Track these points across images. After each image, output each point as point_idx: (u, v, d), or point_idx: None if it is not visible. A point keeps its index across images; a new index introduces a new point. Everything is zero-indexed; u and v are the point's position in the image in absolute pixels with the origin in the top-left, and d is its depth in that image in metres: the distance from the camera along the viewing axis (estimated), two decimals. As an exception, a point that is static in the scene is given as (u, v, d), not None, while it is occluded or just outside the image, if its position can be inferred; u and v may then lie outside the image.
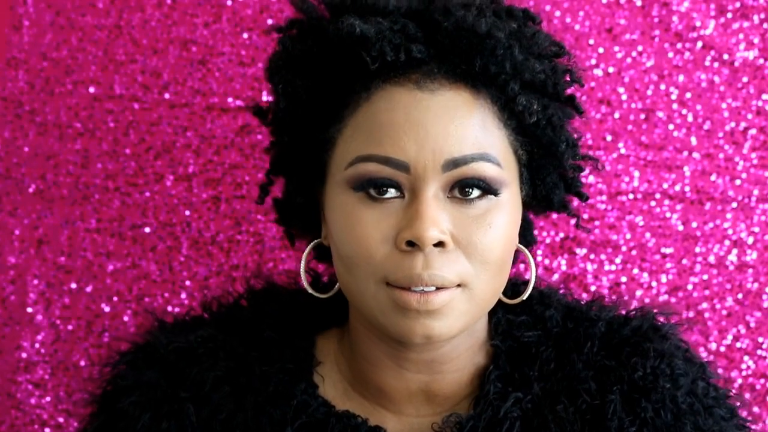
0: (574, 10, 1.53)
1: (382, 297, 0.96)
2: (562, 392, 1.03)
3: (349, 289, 1.01)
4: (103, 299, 1.55)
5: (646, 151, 1.54)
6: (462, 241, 0.95)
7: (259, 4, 1.54)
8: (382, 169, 0.95)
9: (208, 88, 1.53)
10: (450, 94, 0.96)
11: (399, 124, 0.94)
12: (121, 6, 1.53)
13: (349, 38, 0.95)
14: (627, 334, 1.08)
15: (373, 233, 0.95)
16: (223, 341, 1.10)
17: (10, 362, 1.55)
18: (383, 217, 0.95)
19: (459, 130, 0.95)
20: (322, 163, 1.02)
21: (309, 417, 1.04)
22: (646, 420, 1.01)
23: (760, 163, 1.54)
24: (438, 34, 0.97)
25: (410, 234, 0.93)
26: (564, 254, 1.55)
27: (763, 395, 1.55)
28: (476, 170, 0.95)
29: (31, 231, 1.55)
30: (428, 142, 0.94)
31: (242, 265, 1.54)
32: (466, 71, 0.97)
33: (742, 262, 1.55)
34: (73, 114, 1.54)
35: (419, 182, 0.95)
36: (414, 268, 0.94)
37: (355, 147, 0.97)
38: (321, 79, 1.00)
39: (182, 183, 1.54)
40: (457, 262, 0.96)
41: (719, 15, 1.53)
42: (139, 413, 1.06)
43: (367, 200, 0.96)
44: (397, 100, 0.95)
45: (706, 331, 1.54)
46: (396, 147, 0.94)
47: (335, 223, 0.99)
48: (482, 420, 1.02)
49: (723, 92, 1.54)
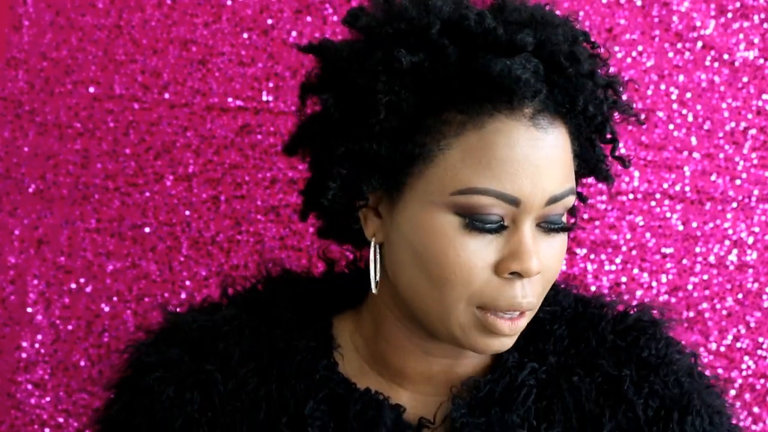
0: (574, 10, 1.53)
1: (468, 317, 1.01)
2: (577, 365, 1.10)
3: (422, 299, 1.03)
4: (103, 299, 1.55)
5: (646, 151, 1.54)
6: (543, 268, 1.02)
7: (259, 4, 1.54)
8: (496, 204, 0.98)
9: (208, 88, 1.54)
10: (556, 132, 1.00)
11: (518, 162, 0.98)
12: (121, 6, 1.53)
13: (499, 79, 0.97)
14: (631, 323, 1.14)
15: (475, 261, 0.99)
16: (247, 320, 1.14)
17: (10, 362, 1.55)
18: (485, 244, 0.99)
19: (561, 168, 1.01)
20: (401, 172, 1.02)
21: (331, 391, 1.08)
22: (656, 391, 1.08)
23: (760, 163, 1.54)
24: (556, 74, 1.01)
25: (518, 266, 0.98)
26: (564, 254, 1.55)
27: (763, 395, 1.55)
28: (565, 204, 1.02)
29: (31, 231, 1.55)
30: (541, 182, 0.98)
31: (242, 265, 1.54)
32: (568, 109, 1.02)
33: (742, 262, 1.55)
34: (73, 114, 1.54)
35: (523, 215, 0.99)
36: (516, 297, 1.00)
37: (466, 175, 0.98)
38: (429, 96, 1.01)
39: (182, 183, 1.54)
40: (539, 286, 1.03)
41: (719, 15, 1.53)
42: (163, 388, 1.09)
43: (470, 227, 0.99)
44: (515, 137, 0.98)
45: (706, 331, 1.54)
46: (514, 185, 0.98)
47: (425, 239, 1.00)
48: (500, 385, 1.08)
49: (723, 92, 1.54)
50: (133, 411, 1.11)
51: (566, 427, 1.07)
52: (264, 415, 1.07)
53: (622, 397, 1.07)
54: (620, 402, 1.07)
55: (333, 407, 1.08)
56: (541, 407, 1.07)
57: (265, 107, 1.54)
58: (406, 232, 1.02)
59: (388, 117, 1.00)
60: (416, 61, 0.99)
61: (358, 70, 1.02)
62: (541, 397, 1.08)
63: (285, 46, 1.53)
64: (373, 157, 1.02)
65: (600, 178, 1.13)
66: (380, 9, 1.05)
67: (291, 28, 1.54)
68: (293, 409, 1.07)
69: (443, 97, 1.00)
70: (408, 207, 1.02)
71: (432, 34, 0.99)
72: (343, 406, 1.08)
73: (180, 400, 1.08)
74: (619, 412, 1.07)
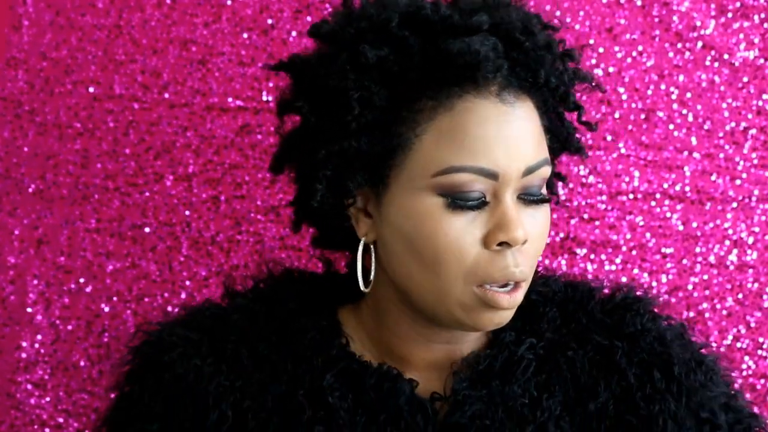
0: (574, 10, 1.53)
1: (468, 296, 1.04)
2: (571, 341, 1.14)
3: (420, 286, 1.06)
4: (102, 299, 1.55)
5: (646, 151, 1.54)
6: (529, 238, 1.05)
7: (259, 4, 1.54)
8: (476, 179, 1.02)
9: (208, 88, 1.53)
10: (523, 106, 1.05)
11: (491, 136, 1.02)
12: (121, 6, 1.53)
13: (460, 57, 1.02)
14: (618, 302, 1.18)
15: (464, 237, 1.02)
16: (257, 310, 1.17)
17: (9, 362, 1.55)
18: (470, 220, 1.03)
19: (533, 140, 1.05)
20: (384, 166, 1.06)
21: (347, 365, 1.12)
22: (644, 359, 1.13)
23: (760, 163, 1.54)
24: (515, 51, 1.05)
25: (505, 236, 1.02)
26: (564, 254, 1.55)
27: (763, 395, 1.55)
28: (541, 174, 1.05)
29: (30, 231, 1.55)
30: (514, 154, 1.03)
31: (242, 265, 1.54)
32: (531, 83, 1.06)
33: (742, 262, 1.55)
34: (73, 114, 1.54)
35: (503, 187, 1.03)
36: (508, 266, 1.03)
37: (443, 156, 1.03)
38: (399, 87, 1.05)
39: (182, 183, 1.54)
40: (529, 255, 1.06)
41: (719, 15, 1.53)
42: (188, 362, 1.11)
43: (453, 206, 1.03)
44: (485, 113, 1.03)
45: (706, 331, 1.54)
46: (489, 159, 1.02)
47: (413, 226, 1.04)
48: (498, 360, 1.12)
49: (723, 92, 1.54)
50: (156, 387, 1.11)
51: (565, 398, 1.11)
52: (285, 387, 1.10)
53: (615, 367, 1.12)
54: (613, 372, 1.11)
55: (349, 381, 1.11)
56: (541, 380, 1.11)
57: (265, 107, 1.54)
58: (396, 223, 1.06)
59: (362, 113, 1.04)
60: (381, 55, 1.04)
61: (327, 73, 1.07)
62: (539, 371, 1.12)
63: (285, 46, 1.53)
64: (355, 154, 1.06)
65: (573, 151, 1.17)
66: (342, 16, 1.11)
67: (291, 28, 1.54)
68: (309, 383, 1.10)
69: (412, 87, 1.04)
70: (394, 198, 1.06)
71: (392, 27, 1.05)
72: (359, 380, 1.11)
73: (210, 369, 1.10)
74: (612, 382, 1.11)
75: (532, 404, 1.10)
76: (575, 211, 1.54)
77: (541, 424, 1.09)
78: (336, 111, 1.06)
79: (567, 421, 1.10)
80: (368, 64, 1.04)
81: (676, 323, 1.19)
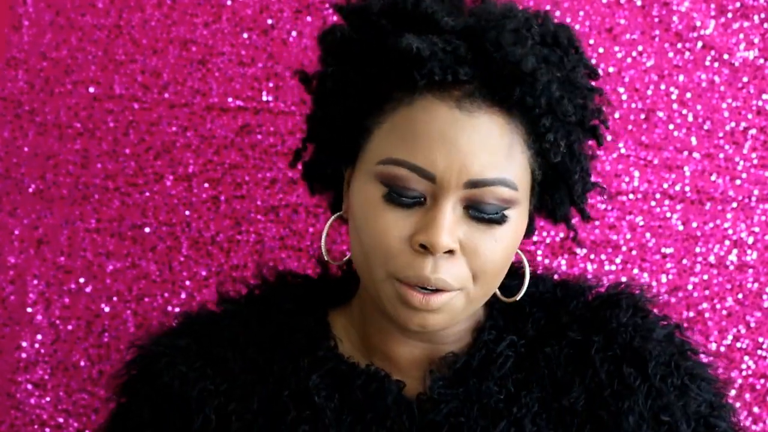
0: (574, 10, 1.53)
1: (389, 288, 1.05)
2: (550, 337, 1.14)
3: (361, 269, 1.09)
4: (103, 299, 1.55)
5: (646, 151, 1.54)
6: (468, 250, 1.03)
7: (259, 4, 1.54)
8: (411, 176, 1.02)
9: (208, 88, 1.53)
10: (485, 118, 1.03)
11: (433, 138, 1.02)
12: (121, 6, 1.53)
13: (405, 54, 1.02)
14: (605, 298, 1.18)
15: (392, 230, 1.03)
16: (248, 314, 1.18)
17: (10, 362, 1.55)
18: (403, 216, 1.03)
19: (486, 155, 1.02)
20: (356, 146, 1.09)
21: (334, 366, 1.13)
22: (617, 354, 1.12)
23: (760, 163, 1.54)
24: (484, 60, 1.03)
25: (425, 238, 1.01)
26: (564, 254, 1.55)
27: (763, 395, 1.55)
28: (494, 193, 1.03)
29: (30, 231, 1.55)
30: (456, 161, 1.01)
31: (242, 265, 1.54)
32: (503, 98, 1.04)
33: (742, 262, 1.55)
34: (73, 114, 1.54)
35: (441, 192, 1.02)
36: (423, 270, 1.02)
37: (389, 146, 1.04)
38: (370, 71, 1.07)
39: (182, 183, 1.54)
40: (461, 268, 1.04)
41: (719, 15, 1.53)
42: (175, 370, 1.12)
43: (389, 198, 1.03)
44: (435, 114, 1.02)
45: (706, 331, 1.54)
46: (427, 159, 1.01)
47: (359, 208, 1.06)
48: (476, 358, 1.12)
49: (723, 92, 1.54)
50: (144, 396, 1.14)
51: (543, 394, 1.11)
52: (271, 388, 1.11)
53: (589, 362, 1.11)
54: (587, 367, 1.11)
55: (336, 382, 1.12)
56: (520, 377, 1.11)
57: (265, 107, 1.54)
58: (353, 205, 1.08)
59: (335, 87, 1.09)
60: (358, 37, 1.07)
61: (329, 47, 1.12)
62: (519, 368, 1.12)
63: (285, 46, 1.53)
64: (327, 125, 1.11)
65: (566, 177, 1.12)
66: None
67: (291, 28, 1.54)
68: (296, 384, 1.11)
69: (382, 75, 1.06)
70: (355, 180, 1.09)
71: (372, 15, 1.07)
72: (347, 381, 1.12)
73: (195, 374, 1.11)
74: (587, 377, 1.11)
75: (509, 401, 1.10)
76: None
77: (517, 420, 1.09)
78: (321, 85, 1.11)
79: (543, 417, 1.10)
80: (345, 41, 1.07)
81: (671, 323, 1.18)
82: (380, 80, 1.06)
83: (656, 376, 1.11)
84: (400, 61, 1.03)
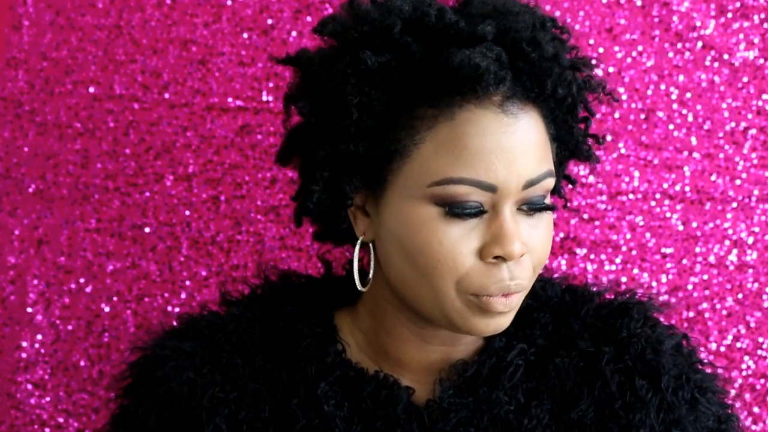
0: (574, 10, 1.53)
1: (459, 303, 1.03)
2: (560, 347, 1.13)
3: (412, 289, 1.06)
4: (103, 299, 1.55)
5: (646, 151, 1.54)
6: (529, 247, 1.04)
7: (259, 4, 1.54)
8: (473, 191, 1.01)
9: (208, 88, 1.54)
10: (526, 117, 1.03)
11: (491, 149, 1.00)
12: (121, 6, 1.53)
13: (461, 70, 1.00)
14: (615, 306, 1.17)
15: (459, 247, 1.01)
16: (253, 317, 1.17)
17: (10, 362, 1.55)
18: (467, 230, 1.02)
19: (535, 153, 1.03)
20: (381, 170, 1.05)
21: (343, 373, 1.12)
22: (629, 365, 1.11)
23: (760, 163, 1.54)
24: (520, 61, 1.03)
25: (501, 250, 1.01)
26: (564, 254, 1.55)
27: (763, 395, 1.55)
28: (543, 186, 1.04)
29: (31, 231, 1.55)
30: (514, 167, 1.01)
31: (242, 265, 1.54)
32: (538, 93, 1.04)
33: (742, 262, 1.55)
34: (73, 114, 1.54)
35: (502, 200, 1.02)
36: (503, 280, 1.02)
37: (441, 166, 1.01)
38: (400, 94, 1.04)
39: (182, 183, 1.54)
40: (527, 265, 1.04)
41: (719, 15, 1.53)
42: (181, 374, 1.11)
43: (451, 215, 1.02)
44: (486, 125, 1.01)
45: (706, 331, 1.54)
46: (489, 172, 1.00)
47: (409, 230, 1.03)
48: (486, 366, 1.11)
49: (723, 92, 1.54)
50: (150, 401, 1.12)
51: (553, 406, 1.10)
52: (280, 396, 1.10)
53: (599, 374, 1.11)
54: (597, 379, 1.11)
55: (345, 389, 1.11)
56: (530, 387, 1.11)
57: (265, 107, 1.54)
58: (392, 227, 1.05)
59: (361, 117, 1.03)
60: (382, 62, 1.02)
61: (329, 75, 1.06)
62: (529, 377, 1.11)
63: (285, 46, 1.53)
64: (352, 157, 1.05)
65: (582, 158, 1.16)
66: (349, 14, 1.09)
67: (291, 28, 1.54)
68: (305, 392, 1.10)
69: (413, 94, 1.03)
70: (391, 203, 1.05)
71: (394, 33, 1.03)
72: (356, 388, 1.11)
73: (204, 381, 1.10)
74: (596, 389, 1.10)
75: (519, 412, 1.09)
76: (575, 211, 1.54)
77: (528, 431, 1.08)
78: (335, 114, 1.05)
79: (554, 430, 1.09)
80: (369, 70, 1.02)
81: (677, 333, 1.17)
82: (413, 97, 1.03)
83: (668, 390, 1.10)
84: (449, 77, 1.01)
